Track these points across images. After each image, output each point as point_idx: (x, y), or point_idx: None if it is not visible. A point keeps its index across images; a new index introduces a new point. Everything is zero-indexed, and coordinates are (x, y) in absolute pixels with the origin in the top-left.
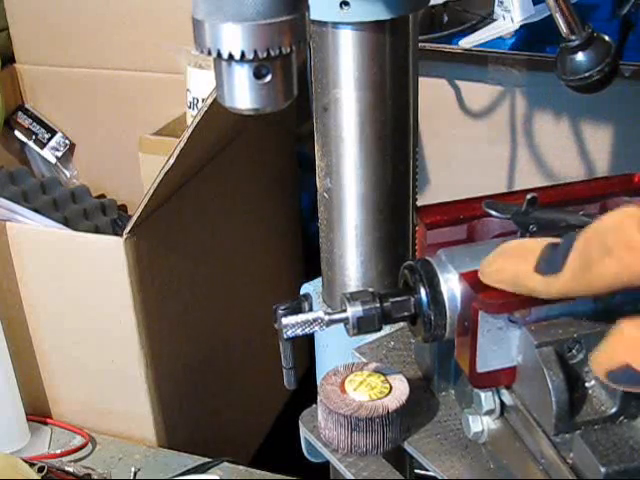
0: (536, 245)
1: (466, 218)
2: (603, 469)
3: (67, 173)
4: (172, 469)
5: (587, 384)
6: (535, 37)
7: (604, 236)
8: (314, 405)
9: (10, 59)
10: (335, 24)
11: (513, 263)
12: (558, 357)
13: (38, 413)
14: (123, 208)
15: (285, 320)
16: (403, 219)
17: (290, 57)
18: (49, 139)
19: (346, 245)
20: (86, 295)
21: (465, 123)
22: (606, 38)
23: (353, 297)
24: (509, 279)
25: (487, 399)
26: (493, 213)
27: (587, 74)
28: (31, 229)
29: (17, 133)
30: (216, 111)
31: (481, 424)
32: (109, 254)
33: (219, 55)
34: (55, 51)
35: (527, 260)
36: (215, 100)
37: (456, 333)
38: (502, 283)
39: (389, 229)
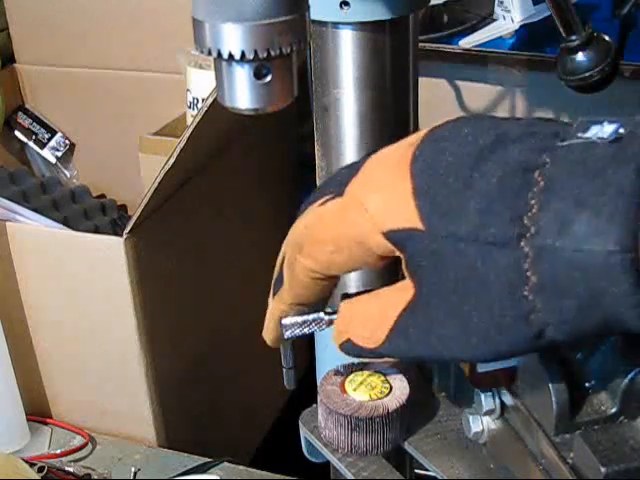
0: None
1: None
2: (603, 469)
3: (67, 173)
4: (172, 469)
5: (587, 384)
6: (535, 37)
7: (294, 237)
8: (314, 405)
9: (10, 59)
10: (335, 24)
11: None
12: (558, 357)
13: (38, 413)
14: (123, 208)
15: (285, 320)
16: None
17: (290, 57)
18: (49, 139)
19: None
20: (86, 295)
21: None
22: (606, 38)
23: (353, 297)
24: (269, 318)
25: (487, 399)
26: None
27: (587, 74)
28: (31, 229)
29: (17, 133)
30: (216, 111)
31: (481, 424)
32: (109, 254)
33: (219, 55)
34: (55, 51)
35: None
36: (215, 100)
37: None
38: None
39: None
